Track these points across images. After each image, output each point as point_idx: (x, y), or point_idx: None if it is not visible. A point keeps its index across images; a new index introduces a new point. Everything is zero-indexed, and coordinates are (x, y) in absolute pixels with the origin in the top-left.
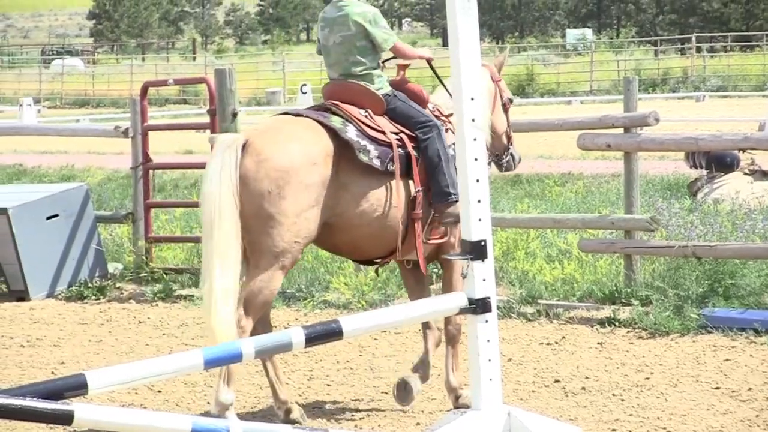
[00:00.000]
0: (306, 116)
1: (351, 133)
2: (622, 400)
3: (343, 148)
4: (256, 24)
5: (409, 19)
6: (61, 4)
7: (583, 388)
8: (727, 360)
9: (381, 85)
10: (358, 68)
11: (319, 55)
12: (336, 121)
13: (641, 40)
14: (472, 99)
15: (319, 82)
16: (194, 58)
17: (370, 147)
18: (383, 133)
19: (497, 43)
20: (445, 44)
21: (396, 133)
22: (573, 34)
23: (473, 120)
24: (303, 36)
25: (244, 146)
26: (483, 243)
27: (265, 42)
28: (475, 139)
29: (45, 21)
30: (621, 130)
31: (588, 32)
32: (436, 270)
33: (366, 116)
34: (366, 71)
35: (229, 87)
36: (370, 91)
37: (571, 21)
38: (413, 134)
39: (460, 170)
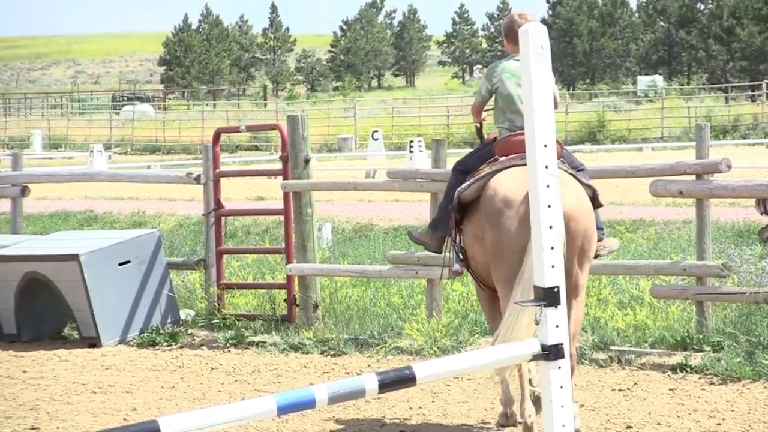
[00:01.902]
0: None
1: (583, 177)
2: None
3: None
4: (327, 70)
5: (479, 66)
6: (131, 50)
7: None
8: None
9: None
10: None
11: (483, 104)
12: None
13: (712, 87)
14: (546, 146)
15: (389, 128)
16: (265, 105)
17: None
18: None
19: (568, 90)
20: None
21: None
22: (644, 81)
23: (546, 167)
24: (374, 83)
25: None
26: (556, 289)
27: (336, 88)
28: (548, 186)
29: (115, 67)
30: (693, 177)
31: (659, 79)
32: None
33: (563, 162)
34: None
35: (302, 133)
36: (558, 140)
37: (641, 68)
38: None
39: (533, 217)
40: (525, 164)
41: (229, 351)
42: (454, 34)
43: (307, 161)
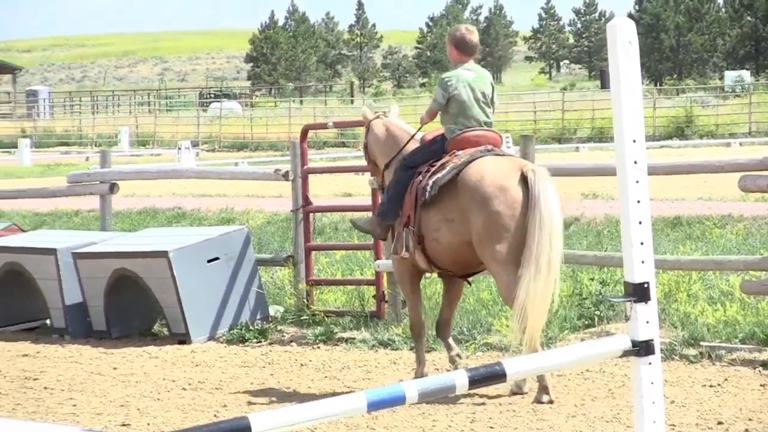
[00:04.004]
0: (509, 156)
1: None
2: None
3: None
4: (413, 67)
5: (567, 62)
6: (218, 47)
7: (746, 430)
8: None
9: None
10: (491, 119)
11: (439, 110)
12: None
13: None
14: (634, 141)
15: None
16: (352, 101)
17: None
18: None
19: (656, 85)
20: (603, 86)
21: None
22: (731, 76)
23: (635, 162)
24: None
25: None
26: (646, 285)
27: (422, 85)
28: (637, 181)
29: (202, 64)
30: None
31: (746, 74)
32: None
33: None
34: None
35: None
36: (497, 132)
37: (729, 63)
38: None
39: (622, 212)
40: (495, 155)
41: (318, 347)
42: (540, 29)
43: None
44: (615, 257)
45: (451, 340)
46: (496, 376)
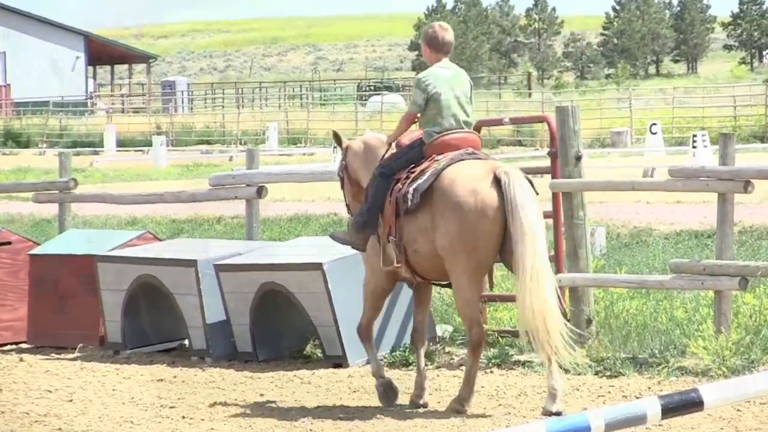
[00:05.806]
0: (487, 159)
1: None
2: None
3: None
4: (598, 56)
5: None
6: (379, 34)
7: None
8: None
9: None
10: (470, 118)
11: (419, 112)
12: None
13: None
14: None
15: (669, 121)
16: (529, 94)
17: None
18: None
19: None
20: None
21: None
22: None
23: None
24: (651, 69)
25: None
26: None
27: (608, 76)
28: None
29: (361, 52)
30: None
31: None
32: None
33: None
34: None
35: (573, 126)
36: (476, 134)
37: None
38: None
39: None
40: (475, 158)
41: (491, 371)
42: (741, 14)
43: (578, 158)
44: None
45: (422, 360)
46: (692, 404)
